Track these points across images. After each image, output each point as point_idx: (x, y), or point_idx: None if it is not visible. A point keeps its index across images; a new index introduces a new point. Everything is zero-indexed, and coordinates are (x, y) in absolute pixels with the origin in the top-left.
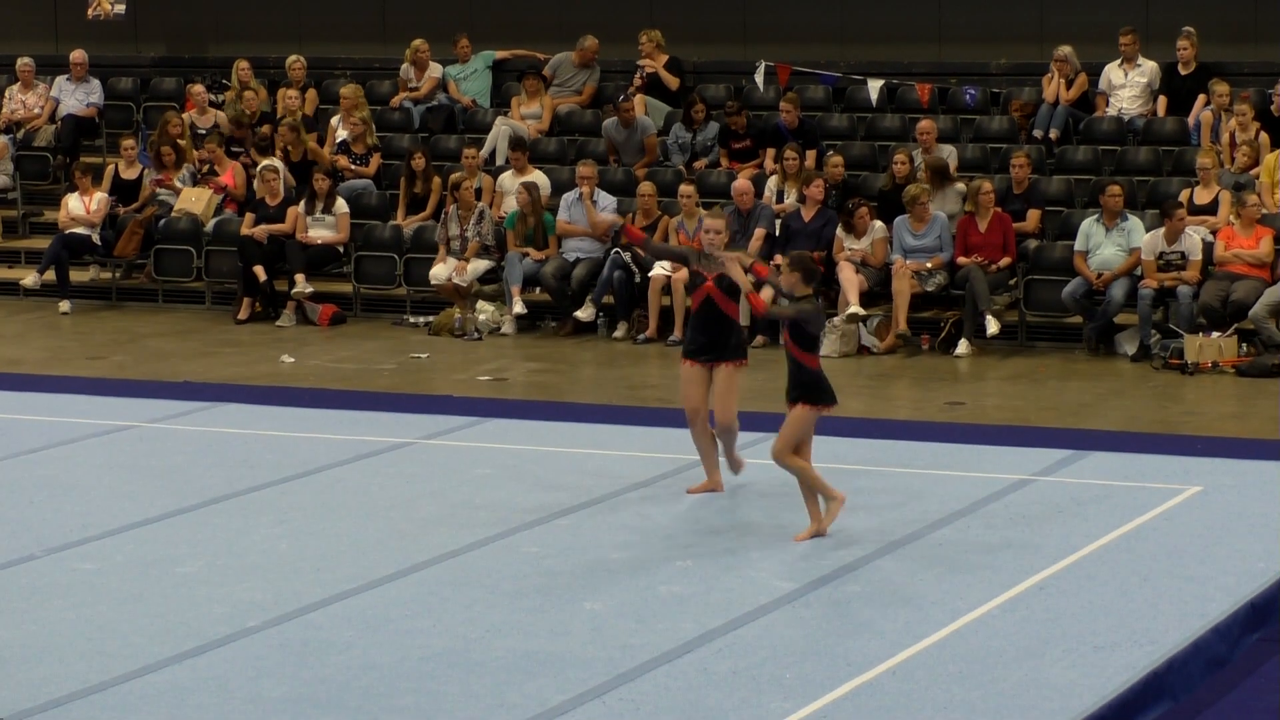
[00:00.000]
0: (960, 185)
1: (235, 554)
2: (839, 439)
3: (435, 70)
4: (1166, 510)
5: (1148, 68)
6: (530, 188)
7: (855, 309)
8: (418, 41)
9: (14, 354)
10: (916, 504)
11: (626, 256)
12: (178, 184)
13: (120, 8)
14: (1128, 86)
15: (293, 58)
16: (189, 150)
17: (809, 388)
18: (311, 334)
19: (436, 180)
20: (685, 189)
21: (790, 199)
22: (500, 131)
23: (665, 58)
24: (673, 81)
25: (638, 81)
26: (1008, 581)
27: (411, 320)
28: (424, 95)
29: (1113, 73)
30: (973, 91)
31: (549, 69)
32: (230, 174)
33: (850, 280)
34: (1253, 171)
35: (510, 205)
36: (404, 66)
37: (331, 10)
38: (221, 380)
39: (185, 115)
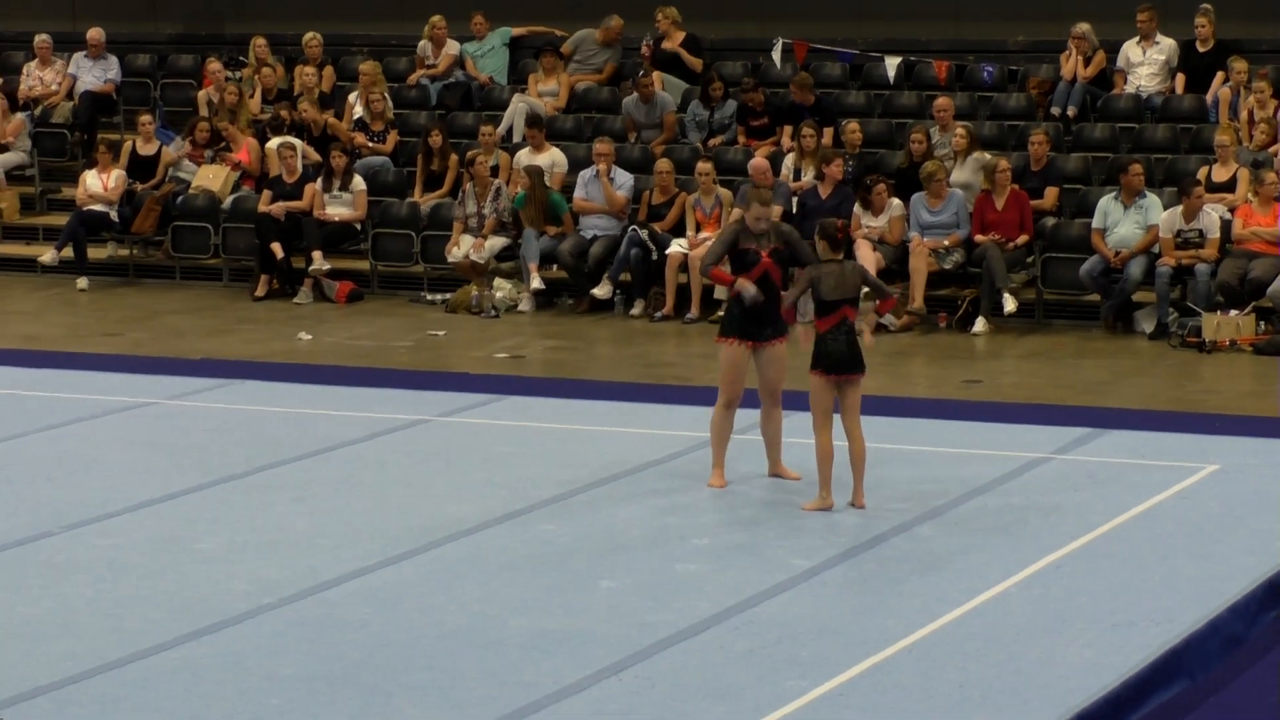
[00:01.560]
0: (977, 154)
1: (253, 531)
2: None
3: (453, 47)
4: (1184, 489)
5: (1166, 45)
6: (532, 172)
7: None
8: (435, 18)
9: (32, 330)
10: (933, 482)
11: (644, 234)
12: (205, 160)
13: None
14: (1146, 64)
15: (310, 35)
16: (222, 120)
17: (813, 354)
18: (329, 311)
19: (454, 157)
20: (703, 166)
21: (807, 176)
22: (517, 109)
23: (682, 35)
24: (696, 64)
25: (644, 50)
26: (1025, 559)
27: (429, 298)
28: (441, 72)
29: (1131, 50)
30: (990, 69)
31: (570, 45)
32: (245, 150)
33: (867, 258)
34: (1271, 149)
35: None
36: (421, 43)
37: None
38: (239, 357)
39: (203, 92)
